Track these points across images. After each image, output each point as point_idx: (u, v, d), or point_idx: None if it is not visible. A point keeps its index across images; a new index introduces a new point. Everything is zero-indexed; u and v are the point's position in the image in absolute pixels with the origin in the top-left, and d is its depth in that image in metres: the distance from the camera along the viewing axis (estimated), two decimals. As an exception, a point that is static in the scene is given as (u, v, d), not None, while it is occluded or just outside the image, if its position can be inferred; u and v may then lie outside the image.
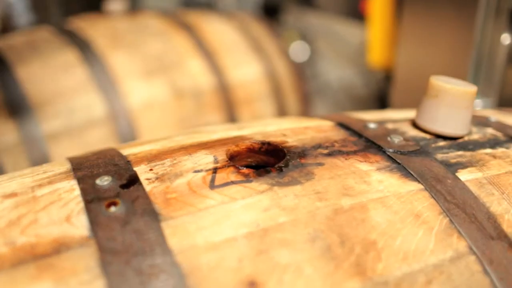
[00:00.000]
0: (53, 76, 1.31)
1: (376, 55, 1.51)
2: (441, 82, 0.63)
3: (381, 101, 1.84)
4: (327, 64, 2.89)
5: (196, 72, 1.48)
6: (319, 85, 2.74)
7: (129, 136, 1.30)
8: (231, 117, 1.50)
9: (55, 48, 1.39)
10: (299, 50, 2.88)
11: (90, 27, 1.50)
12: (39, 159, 1.19)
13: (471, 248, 0.47)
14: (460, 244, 0.47)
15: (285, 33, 2.84)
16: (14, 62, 1.33)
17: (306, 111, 1.75)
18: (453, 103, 0.62)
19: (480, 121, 0.72)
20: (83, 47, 1.39)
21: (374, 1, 1.51)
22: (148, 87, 1.38)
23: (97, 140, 1.27)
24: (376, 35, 1.50)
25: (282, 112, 1.66)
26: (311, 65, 2.90)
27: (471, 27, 1.15)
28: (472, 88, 0.63)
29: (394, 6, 1.50)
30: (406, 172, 0.54)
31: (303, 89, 1.75)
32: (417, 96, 0.69)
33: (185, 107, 1.42)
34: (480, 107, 1.16)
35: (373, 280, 0.42)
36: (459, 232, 0.48)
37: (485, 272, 0.46)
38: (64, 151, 1.23)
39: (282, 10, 2.65)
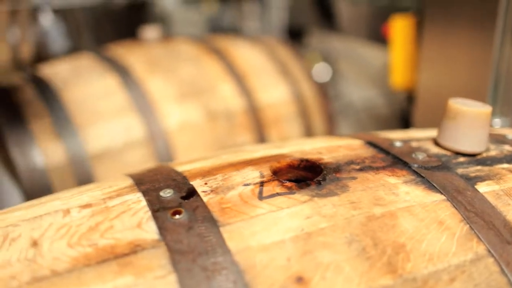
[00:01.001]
0: (96, 100, 1.41)
1: (398, 77, 1.58)
2: (458, 105, 0.70)
3: (404, 121, 1.91)
4: (350, 85, 2.96)
5: (227, 95, 1.57)
6: (342, 105, 2.81)
7: (166, 156, 1.39)
8: (261, 137, 1.58)
9: (97, 74, 1.49)
10: (322, 71, 2.96)
11: (128, 53, 1.60)
12: (85, 178, 1.28)
13: (489, 251, 0.53)
14: (480, 248, 0.53)
15: (308, 54, 2.93)
16: (60, 87, 1.43)
17: (331, 131, 1.82)
18: (470, 124, 0.69)
19: (497, 139, 0.78)
20: (123, 72, 1.49)
21: (395, 25, 1.59)
22: (183, 110, 1.48)
23: (136, 160, 1.36)
24: (397, 58, 1.57)
25: (308, 132, 1.73)
26: (334, 86, 2.97)
27: (489, 48, 1.21)
28: (487, 109, 0.70)
29: (415, 29, 1.57)
30: (430, 185, 0.61)
31: (328, 110, 1.82)
32: (439, 115, 0.76)
33: (218, 129, 1.51)
34: (499, 126, 1.22)
35: (403, 277, 0.49)
36: (478, 237, 0.54)
37: (503, 272, 0.52)
38: (107, 170, 1.32)
39: (306, 33, 2.74)
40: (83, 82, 1.45)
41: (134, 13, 2.95)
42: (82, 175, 1.29)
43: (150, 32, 1.76)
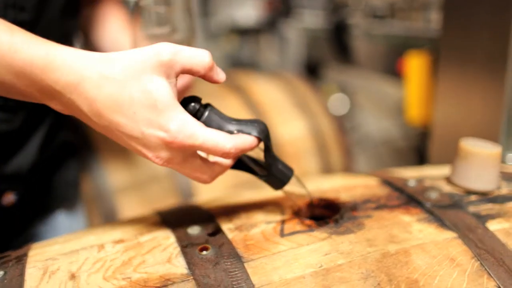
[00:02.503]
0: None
1: (414, 112, 1.62)
2: (469, 146, 0.73)
3: (419, 154, 1.93)
4: (367, 116, 2.99)
5: (247, 130, 1.61)
6: (359, 137, 2.84)
7: (188, 191, 1.43)
8: (280, 171, 1.62)
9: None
10: (338, 103, 3.00)
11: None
12: (106, 211, 1.33)
13: (499, 287, 0.56)
14: (490, 284, 0.56)
15: (324, 86, 2.98)
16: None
17: (349, 164, 1.85)
18: (481, 164, 0.72)
19: (509, 177, 0.81)
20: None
21: (410, 61, 1.63)
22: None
23: (159, 193, 1.41)
24: (413, 94, 1.61)
25: (327, 166, 1.77)
26: (351, 117, 3.01)
27: (501, 86, 1.25)
28: (497, 150, 0.73)
29: (430, 65, 1.61)
30: (442, 223, 0.64)
31: (345, 144, 1.86)
32: (453, 150, 0.79)
33: (238, 162, 1.55)
34: (513, 162, 1.24)
35: (416, 312, 0.52)
36: (488, 273, 0.57)
37: (512, 308, 0.55)
38: (132, 204, 1.37)
39: (323, 67, 2.80)
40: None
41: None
42: (107, 209, 1.34)
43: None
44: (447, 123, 1.44)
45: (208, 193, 1.46)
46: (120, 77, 0.51)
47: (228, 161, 0.60)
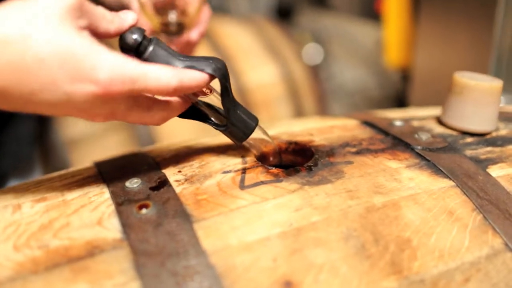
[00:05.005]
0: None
1: (393, 54, 1.50)
2: (465, 79, 0.62)
3: (399, 102, 1.83)
4: (341, 66, 2.88)
5: (213, 76, 1.48)
6: (333, 86, 2.73)
7: (148, 140, 1.30)
8: (249, 120, 1.50)
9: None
10: (312, 52, 2.87)
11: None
12: (60, 165, 1.20)
13: (507, 245, 0.46)
14: (496, 241, 0.46)
15: (298, 35, 2.84)
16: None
17: (323, 112, 1.74)
18: (479, 99, 0.61)
19: (506, 117, 0.71)
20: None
21: (389, 0, 1.50)
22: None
23: (115, 145, 1.28)
24: (392, 35, 1.49)
25: (299, 113, 1.65)
26: (325, 67, 2.89)
27: (491, 22, 1.13)
28: (498, 83, 0.62)
29: (410, 4, 1.49)
30: (436, 169, 0.53)
31: (319, 90, 1.74)
32: (437, 96, 0.68)
33: (203, 111, 1.42)
34: (503, 103, 1.14)
35: (410, 279, 0.41)
36: (493, 228, 0.47)
37: (522, 268, 0.45)
38: (84, 156, 1.23)
39: (295, 12, 2.65)
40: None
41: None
42: (58, 163, 1.21)
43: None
44: (429, 66, 1.33)
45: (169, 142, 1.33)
46: (17, 37, 0.39)
47: (178, 100, 0.49)
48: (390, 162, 0.54)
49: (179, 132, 1.36)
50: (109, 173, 0.54)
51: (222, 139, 0.62)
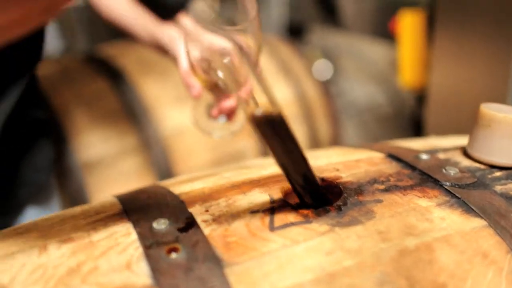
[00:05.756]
0: (86, 105, 1.32)
1: (407, 75, 1.50)
2: (493, 111, 0.61)
3: (413, 122, 1.82)
4: (352, 82, 2.87)
5: (227, 97, 1.48)
6: (344, 104, 2.72)
7: (163, 164, 1.30)
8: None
9: (87, 77, 1.40)
10: (322, 68, 2.87)
11: (120, 55, 1.51)
12: (77, 189, 1.20)
13: (543, 289, 0.45)
14: (533, 285, 0.45)
15: (308, 51, 2.84)
16: (48, 91, 1.35)
17: (336, 130, 1.73)
18: (508, 132, 0.60)
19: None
20: (115, 75, 1.40)
21: (403, 20, 1.50)
22: (179, 114, 1.39)
23: (131, 169, 1.28)
24: (406, 55, 1.49)
25: (313, 132, 1.65)
26: (336, 83, 2.88)
27: (508, 42, 1.12)
28: (526, 116, 0.61)
29: (425, 24, 1.48)
30: (467, 207, 0.52)
31: (332, 110, 1.74)
32: (453, 116, 0.68)
33: (218, 133, 1.41)
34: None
35: (447, 327, 0.40)
36: (530, 271, 0.46)
37: (560, 313, 0.44)
38: (100, 180, 1.23)
39: (307, 30, 2.65)
40: (72, 85, 1.36)
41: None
42: (74, 186, 1.21)
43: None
44: (445, 88, 1.32)
45: (185, 166, 1.33)
46: None
47: None
48: (420, 200, 0.53)
49: (193, 156, 1.36)
50: (134, 210, 0.53)
51: (246, 174, 0.61)
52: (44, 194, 0.96)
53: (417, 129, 1.71)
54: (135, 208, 0.54)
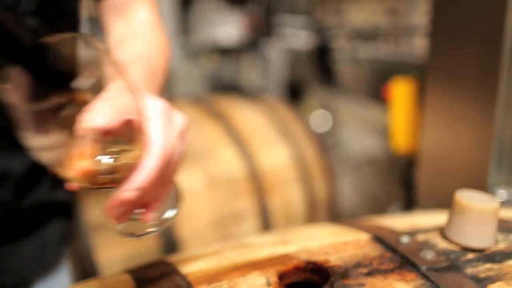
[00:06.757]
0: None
1: (399, 140, 1.59)
2: (465, 200, 0.69)
3: (405, 182, 1.89)
4: (349, 134, 2.96)
5: (228, 160, 1.56)
6: (341, 155, 2.81)
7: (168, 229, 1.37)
8: (262, 202, 1.57)
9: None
10: (320, 120, 2.97)
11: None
12: (85, 250, 1.27)
13: None
14: None
15: (306, 102, 2.94)
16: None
17: (332, 190, 1.81)
18: (478, 220, 0.68)
19: (505, 227, 0.77)
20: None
21: (395, 88, 1.60)
22: (184, 176, 1.47)
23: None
24: (398, 121, 1.58)
25: (310, 193, 1.72)
26: (333, 134, 2.97)
27: (491, 115, 1.21)
28: (495, 204, 0.69)
29: (416, 92, 1.58)
30: (440, 291, 0.59)
31: (329, 169, 1.82)
32: (442, 179, 0.75)
33: (218, 195, 1.49)
34: (505, 198, 1.21)
35: None
36: None
37: None
38: (105, 240, 1.30)
39: (306, 88, 2.77)
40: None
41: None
42: (81, 247, 1.28)
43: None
44: (434, 152, 1.40)
45: (188, 226, 1.40)
46: None
47: None
48: (399, 284, 0.60)
49: (194, 217, 1.43)
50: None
51: (245, 254, 0.69)
52: (52, 269, 0.94)
53: (408, 189, 1.79)
54: (147, 287, 0.61)
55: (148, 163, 0.48)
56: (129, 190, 0.48)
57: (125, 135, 0.48)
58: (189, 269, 0.66)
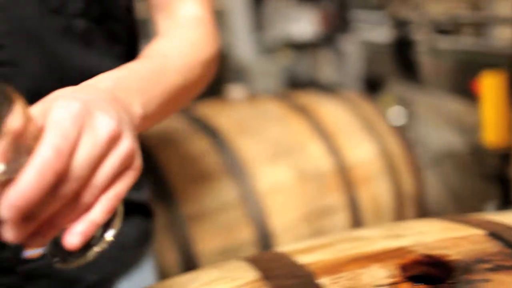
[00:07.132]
0: (190, 163, 1.46)
1: (491, 135, 1.54)
2: None
3: (499, 178, 1.83)
4: (428, 128, 2.89)
5: (316, 155, 1.59)
6: (420, 151, 2.75)
7: (258, 218, 1.41)
8: (351, 197, 1.58)
9: (188, 136, 1.55)
10: (397, 114, 2.92)
11: (217, 114, 1.66)
12: (183, 240, 1.33)
13: None
14: None
15: (382, 97, 2.90)
16: (152, 149, 1.50)
17: (419, 185, 1.79)
18: None
19: None
20: (214, 134, 1.55)
21: (485, 82, 1.56)
22: (274, 171, 1.51)
23: (231, 221, 1.40)
24: (490, 116, 1.53)
25: (398, 187, 1.71)
26: (410, 129, 2.92)
27: None
28: None
29: (507, 83, 1.53)
30: None
31: (415, 163, 1.80)
32: None
33: (308, 190, 1.52)
34: None
35: None
36: None
37: None
38: (203, 232, 1.36)
39: (384, 84, 2.74)
40: (175, 144, 1.51)
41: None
42: (180, 237, 1.33)
43: (236, 92, 1.82)
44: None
45: (279, 221, 1.43)
46: None
47: None
48: (524, 280, 0.59)
49: (285, 211, 1.46)
50: (271, 278, 0.63)
51: (359, 247, 0.70)
52: (134, 268, 0.93)
53: (503, 186, 1.73)
54: (271, 276, 0.64)
55: (24, 177, 0.40)
56: (5, 206, 0.40)
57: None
58: (304, 259, 0.68)
